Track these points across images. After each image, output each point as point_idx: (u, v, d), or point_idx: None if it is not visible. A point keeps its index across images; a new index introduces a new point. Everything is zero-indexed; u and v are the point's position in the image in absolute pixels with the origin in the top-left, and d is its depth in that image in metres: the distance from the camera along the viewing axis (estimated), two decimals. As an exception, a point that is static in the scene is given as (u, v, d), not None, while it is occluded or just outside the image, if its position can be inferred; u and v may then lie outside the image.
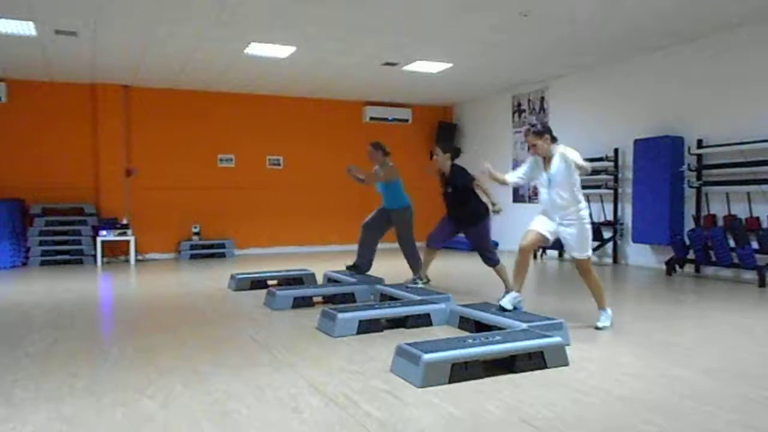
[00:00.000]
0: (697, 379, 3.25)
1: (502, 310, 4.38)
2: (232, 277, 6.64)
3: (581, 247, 4.48)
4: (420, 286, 5.69)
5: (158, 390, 3.11)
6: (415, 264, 6.33)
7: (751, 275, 6.76)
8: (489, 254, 5.69)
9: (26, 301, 5.96)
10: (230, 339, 4.29)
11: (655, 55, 8.03)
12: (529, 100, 10.36)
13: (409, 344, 3.38)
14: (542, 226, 4.54)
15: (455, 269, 8.36)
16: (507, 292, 4.97)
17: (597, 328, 4.44)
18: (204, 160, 10.50)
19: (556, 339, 3.55)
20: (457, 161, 5.99)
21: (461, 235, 5.86)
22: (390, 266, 7.73)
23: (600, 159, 8.74)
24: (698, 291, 6.36)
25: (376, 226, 6.45)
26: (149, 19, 6.45)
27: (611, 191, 8.70)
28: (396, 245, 6.37)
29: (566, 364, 3.47)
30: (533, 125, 4.54)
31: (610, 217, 8.74)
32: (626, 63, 8.45)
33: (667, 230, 7.50)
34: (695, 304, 5.72)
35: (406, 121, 11.72)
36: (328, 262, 8.56)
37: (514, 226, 10.58)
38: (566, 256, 9.61)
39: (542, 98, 10.07)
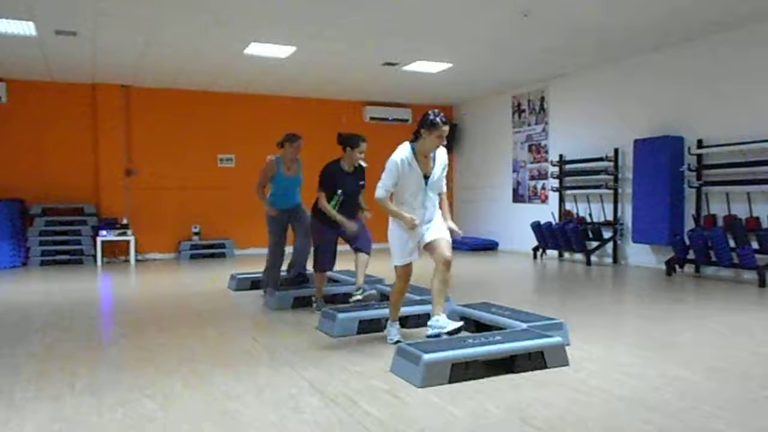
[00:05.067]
0: (697, 379, 3.25)
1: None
2: (232, 277, 6.64)
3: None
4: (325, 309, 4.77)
5: (158, 390, 3.11)
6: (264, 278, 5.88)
7: (751, 275, 6.75)
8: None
9: (26, 301, 5.97)
10: (230, 339, 4.29)
11: (655, 55, 8.03)
12: (529, 100, 10.36)
13: (409, 344, 3.38)
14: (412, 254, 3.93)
15: (455, 269, 8.35)
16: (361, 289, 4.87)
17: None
18: (204, 160, 10.50)
19: (556, 339, 3.55)
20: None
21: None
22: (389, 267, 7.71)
23: (600, 159, 8.75)
24: (698, 291, 6.36)
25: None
26: (149, 19, 6.45)
27: (611, 191, 8.69)
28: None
29: (566, 364, 3.47)
30: (438, 113, 3.79)
31: (610, 217, 8.74)
32: (626, 63, 8.45)
33: (667, 230, 7.50)
34: (695, 304, 5.72)
35: (406, 121, 11.71)
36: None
37: (513, 226, 10.62)
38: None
39: (542, 98, 10.07)
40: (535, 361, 3.39)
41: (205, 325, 4.77)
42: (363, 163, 4.99)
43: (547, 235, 9.28)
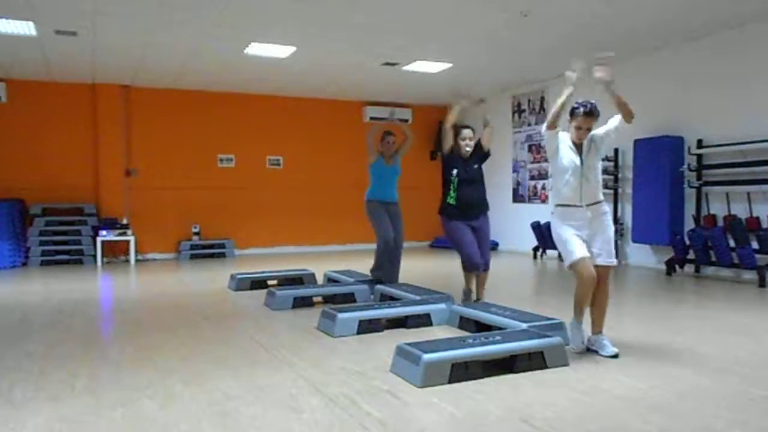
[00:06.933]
0: (697, 379, 3.25)
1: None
2: (232, 277, 6.64)
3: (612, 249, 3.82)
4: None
5: (158, 390, 3.11)
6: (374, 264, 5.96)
7: (751, 275, 6.75)
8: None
9: (26, 301, 5.96)
10: (230, 339, 4.29)
11: (655, 55, 8.03)
12: (529, 100, 10.36)
13: (409, 344, 3.38)
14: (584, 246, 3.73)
15: (456, 269, 8.34)
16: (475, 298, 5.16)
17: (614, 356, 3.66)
18: (204, 160, 10.50)
19: (556, 339, 3.55)
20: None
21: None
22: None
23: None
24: (698, 291, 6.36)
25: None
26: (149, 19, 6.45)
27: (611, 191, 8.69)
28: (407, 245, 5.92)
29: (566, 364, 3.47)
30: (583, 103, 3.86)
31: (610, 217, 8.73)
32: (626, 63, 8.43)
33: (667, 230, 7.49)
34: (695, 304, 5.72)
35: (406, 121, 11.68)
36: (328, 262, 8.57)
37: (513, 226, 10.61)
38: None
39: (542, 98, 10.07)
40: (535, 361, 3.39)
41: (205, 325, 4.77)
42: (469, 146, 5.17)
43: (546, 235, 9.26)
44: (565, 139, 3.91)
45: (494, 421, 2.66)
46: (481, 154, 5.31)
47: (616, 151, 8.62)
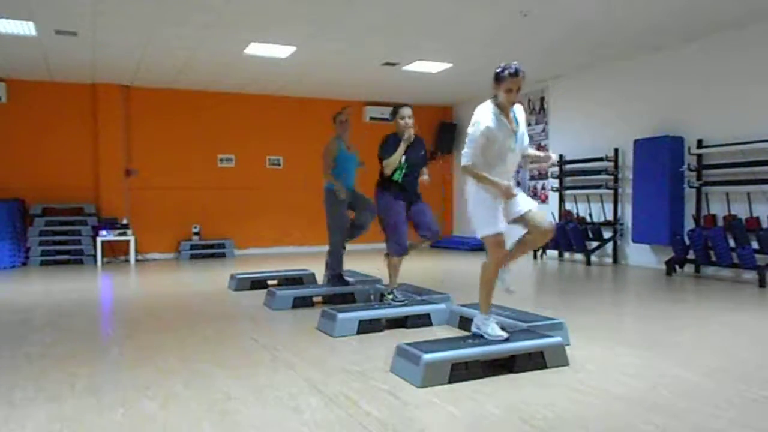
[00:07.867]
0: (697, 379, 3.25)
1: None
2: (232, 277, 6.64)
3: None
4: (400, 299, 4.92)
5: (158, 390, 3.11)
6: (331, 263, 5.77)
7: (751, 275, 6.75)
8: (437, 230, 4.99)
9: (26, 301, 5.96)
10: (230, 339, 4.29)
11: (655, 55, 8.03)
12: (529, 100, 10.36)
13: (409, 344, 3.38)
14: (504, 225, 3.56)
15: (455, 269, 8.36)
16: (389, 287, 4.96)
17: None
18: (204, 160, 10.51)
19: (556, 339, 3.55)
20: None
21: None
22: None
23: (600, 159, 8.74)
24: (698, 291, 6.36)
25: None
26: (149, 19, 6.45)
27: (611, 191, 8.70)
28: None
29: (566, 364, 3.47)
30: (507, 65, 3.56)
31: (610, 217, 8.74)
32: (626, 63, 8.45)
33: (667, 230, 7.50)
34: (695, 304, 5.72)
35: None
36: (328, 262, 8.55)
37: (513, 226, 10.59)
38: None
39: (542, 98, 10.07)
40: (535, 361, 3.39)
41: (205, 325, 4.77)
42: (411, 131, 4.95)
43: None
44: (488, 113, 3.59)
45: (494, 421, 2.66)
46: (422, 149, 5.13)
47: (616, 151, 8.62)
